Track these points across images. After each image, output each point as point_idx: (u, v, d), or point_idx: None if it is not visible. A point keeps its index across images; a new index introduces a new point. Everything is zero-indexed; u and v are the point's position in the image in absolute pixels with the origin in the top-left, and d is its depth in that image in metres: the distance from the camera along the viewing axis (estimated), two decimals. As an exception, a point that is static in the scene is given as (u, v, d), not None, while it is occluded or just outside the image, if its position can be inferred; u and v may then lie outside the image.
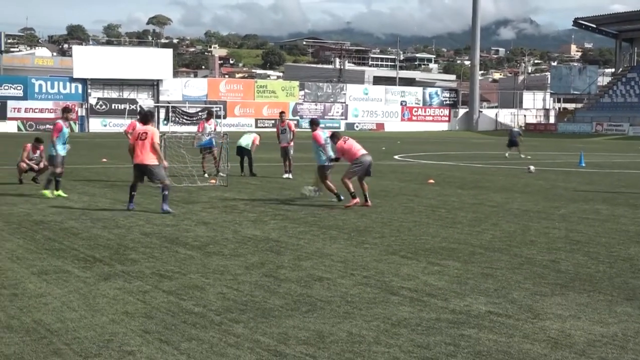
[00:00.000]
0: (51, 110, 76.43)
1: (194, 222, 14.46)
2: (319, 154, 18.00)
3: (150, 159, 15.83)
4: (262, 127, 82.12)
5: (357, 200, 16.97)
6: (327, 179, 17.86)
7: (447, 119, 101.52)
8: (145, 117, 16.88)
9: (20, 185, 20.71)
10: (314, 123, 19.22)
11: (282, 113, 27.21)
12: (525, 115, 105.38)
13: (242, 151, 25.56)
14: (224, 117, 75.72)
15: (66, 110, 19.05)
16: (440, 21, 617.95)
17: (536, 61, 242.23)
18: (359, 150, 17.60)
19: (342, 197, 17.42)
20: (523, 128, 43.89)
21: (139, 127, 16.48)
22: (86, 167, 28.66)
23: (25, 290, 8.73)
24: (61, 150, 18.57)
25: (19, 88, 75.86)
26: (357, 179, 17.41)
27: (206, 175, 23.62)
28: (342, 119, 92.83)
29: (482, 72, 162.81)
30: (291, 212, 16.08)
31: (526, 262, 10.82)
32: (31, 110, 75.63)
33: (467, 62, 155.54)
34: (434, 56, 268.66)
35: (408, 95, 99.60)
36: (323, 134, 18.34)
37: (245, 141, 25.63)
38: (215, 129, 25.38)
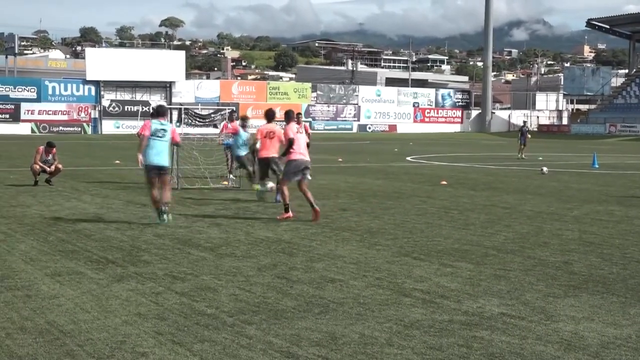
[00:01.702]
0: (64, 112, 76.75)
1: (206, 223, 14.48)
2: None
3: (274, 153, 17.65)
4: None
5: (290, 214, 14.99)
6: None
7: (459, 120, 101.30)
8: (271, 116, 18.54)
9: (34, 187, 20.79)
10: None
11: (298, 114, 27.00)
12: (538, 117, 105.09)
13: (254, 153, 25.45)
14: (237, 119, 75.89)
15: (244, 118, 22.77)
16: (453, 22, 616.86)
17: (549, 62, 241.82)
18: (297, 152, 15.21)
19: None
20: (529, 128, 43.79)
21: (265, 125, 18.05)
22: (99, 168, 28.77)
23: (39, 291, 8.77)
24: (242, 151, 20.98)
25: (32, 90, 76.11)
26: (297, 187, 15.26)
27: (232, 176, 23.37)
28: (354, 121, 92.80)
29: (494, 73, 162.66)
30: (303, 213, 16.06)
31: (539, 263, 10.79)
32: (45, 112, 75.87)
33: (480, 64, 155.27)
34: (447, 57, 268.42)
35: (420, 96, 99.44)
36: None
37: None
38: None
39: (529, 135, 40.97)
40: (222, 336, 7.06)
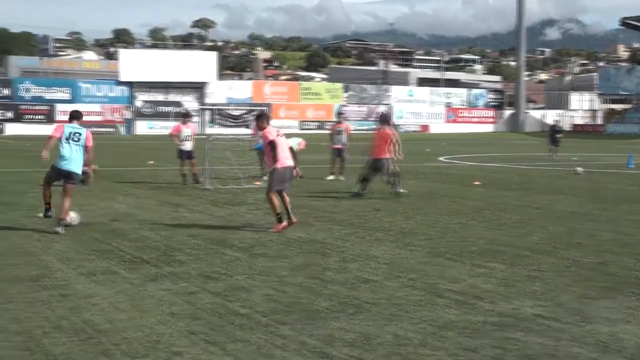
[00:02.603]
0: (98, 113, 77.30)
1: (239, 224, 14.52)
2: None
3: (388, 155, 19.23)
4: (306, 129, 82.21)
5: (286, 224, 13.67)
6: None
7: (492, 120, 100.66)
8: (385, 119, 20.87)
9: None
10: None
11: (340, 114, 27.14)
12: (572, 116, 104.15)
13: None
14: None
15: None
16: (484, 22, 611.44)
17: (583, 62, 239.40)
18: (282, 159, 13.89)
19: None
20: (561, 128, 43.17)
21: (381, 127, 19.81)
22: (132, 169, 28.96)
23: (74, 291, 8.85)
24: None
25: (66, 91, 76.79)
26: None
27: (265, 178, 23.43)
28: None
29: (528, 72, 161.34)
30: (336, 214, 16.08)
31: (573, 264, 10.71)
32: (79, 113, 76.51)
33: (513, 63, 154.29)
34: (479, 57, 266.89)
35: (453, 96, 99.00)
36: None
37: (292, 142, 25.51)
38: None
39: (559, 135, 40.37)
40: (256, 336, 7.09)
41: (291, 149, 14.68)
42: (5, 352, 6.60)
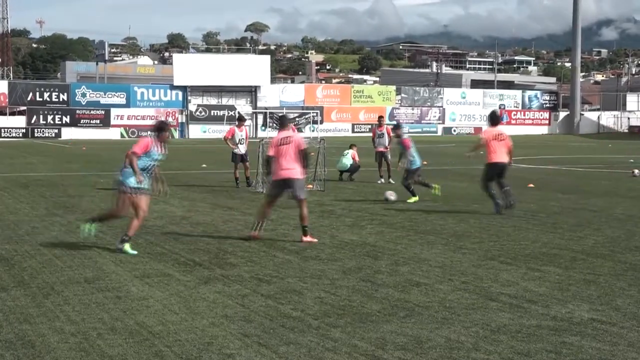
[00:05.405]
0: (153, 117, 78.14)
1: (291, 226, 14.56)
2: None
3: (503, 159, 16.80)
4: (358, 132, 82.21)
5: (256, 234, 13.00)
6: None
7: (547, 122, 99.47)
8: (496, 120, 17.95)
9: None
10: None
11: (380, 117, 26.94)
12: (629, 118, 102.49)
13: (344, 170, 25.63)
14: (321, 123, 76.12)
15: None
16: (539, 23, 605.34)
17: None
18: (278, 169, 13.00)
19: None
20: None
21: (493, 129, 17.26)
22: (186, 172, 29.21)
23: (129, 293, 8.95)
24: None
25: (121, 96, 77.76)
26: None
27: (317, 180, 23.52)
28: (439, 123, 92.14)
29: (583, 74, 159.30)
30: (388, 217, 16.04)
31: (631, 268, 10.53)
32: (133, 117, 77.41)
33: (568, 64, 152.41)
34: (533, 58, 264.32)
35: (507, 98, 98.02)
36: None
37: (346, 162, 25.65)
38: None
39: None
40: (308, 339, 7.09)
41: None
42: (61, 353, 6.69)
